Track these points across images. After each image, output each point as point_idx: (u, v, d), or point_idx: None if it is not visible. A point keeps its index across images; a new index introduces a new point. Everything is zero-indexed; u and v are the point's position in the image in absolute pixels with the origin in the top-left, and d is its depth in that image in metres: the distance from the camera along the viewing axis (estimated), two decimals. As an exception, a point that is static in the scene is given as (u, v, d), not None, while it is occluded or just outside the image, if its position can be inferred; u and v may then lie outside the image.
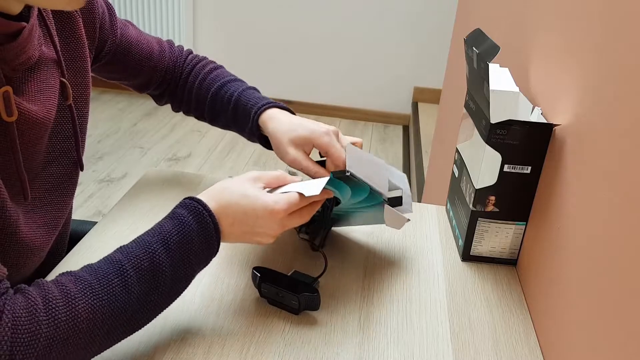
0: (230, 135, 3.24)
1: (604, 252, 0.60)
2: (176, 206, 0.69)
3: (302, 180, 0.77)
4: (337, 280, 0.83)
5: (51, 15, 0.78)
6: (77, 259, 0.84)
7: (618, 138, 0.59)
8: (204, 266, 0.69)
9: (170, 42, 1.03)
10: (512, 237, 0.88)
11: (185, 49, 1.06)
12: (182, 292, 0.67)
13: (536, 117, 0.84)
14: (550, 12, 0.88)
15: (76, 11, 0.82)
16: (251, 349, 0.70)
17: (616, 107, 0.61)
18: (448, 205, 1.04)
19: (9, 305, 0.55)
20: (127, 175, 2.71)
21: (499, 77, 0.87)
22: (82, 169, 0.86)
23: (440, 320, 0.77)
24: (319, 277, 0.80)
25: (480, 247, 0.89)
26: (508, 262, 0.90)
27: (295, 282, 0.76)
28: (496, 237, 0.88)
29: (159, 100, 1.07)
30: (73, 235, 0.97)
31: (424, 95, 3.45)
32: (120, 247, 0.64)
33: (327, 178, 0.72)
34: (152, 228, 0.66)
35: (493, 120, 0.80)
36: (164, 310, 0.66)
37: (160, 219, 0.93)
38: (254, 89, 0.98)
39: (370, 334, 0.74)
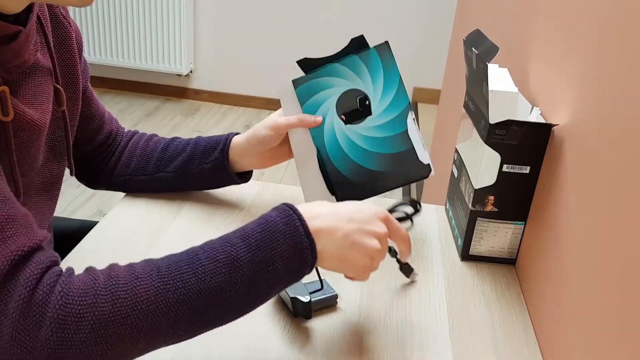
0: (231, 136, 3.24)
1: (602, 251, 0.60)
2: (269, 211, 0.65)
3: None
4: (336, 280, 0.83)
5: (50, 26, 0.79)
6: (77, 259, 0.84)
7: (616, 138, 0.60)
8: (295, 276, 0.62)
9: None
10: (511, 236, 0.88)
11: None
12: (264, 299, 0.61)
13: (535, 117, 0.85)
14: (550, 13, 0.89)
15: (73, 32, 0.83)
16: (251, 349, 0.70)
17: (615, 107, 0.61)
18: (447, 205, 1.04)
19: (64, 277, 0.54)
20: (127, 176, 2.71)
21: (498, 78, 0.87)
22: (72, 174, 0.87)
23: (439, 320, 0.78)
24: (315, 291, 0.77)
25: (479, 246, 0.89)
26: (507, 262, 0.90)
27: (298, 289, 0.75)
28: (495, 237, 0.88)
29: (82, 168, 0.98)
30: (73, 235, 0.97)
31: (423, 96, 3.45)
32: (207, 240, 0.61)
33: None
34: (239, 227, 0.63)
35: (492, 120, 0.80)
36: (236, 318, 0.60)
37: (160, 219, 0.94)
38: None
39: (369, 334, 0.74)
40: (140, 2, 3.35)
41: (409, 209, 0.99)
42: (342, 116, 0.89)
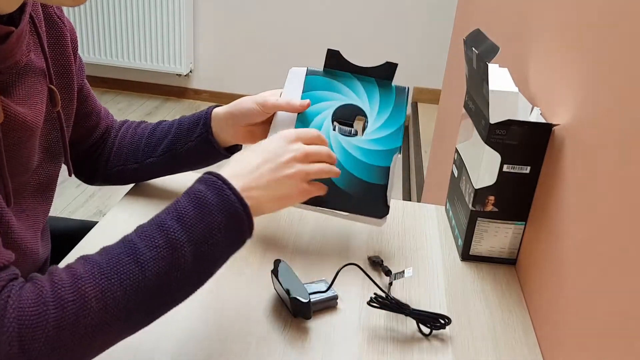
0: (231, 136, 3.24)
1: (603, 251, 0.60)
2: (194, 182, 0.65)
3: None
4: (336, 280, 0.83)
5: (44, 26, 0.78)
6: (77, 259, 0.84)
7: (617, 138, 0.60)
8: (238, 241, 0.64)
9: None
10: (512, 236, 0.88)
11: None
12: (213, 271, 0.63)
13: (535, 117, 0.85)
14: (550, 12, 0.89)
15: (68, 32, 0.83)
16: (251, 349, 0.70)
17: (615, 107, 0.61)
18: (447, 205, 1.04)
19: (14, 291, 0.55)
20: (127, 176, 2.71)
21: (499, 78, 0.87)
22: (70, 174, 0.86)
23: (439, 320, 0.78)
24: (315, 292, 0.78)
25: (479, 246, 0.89)
26: (507, 262, 0.90)
27: (298, 289, 0.75)
28: (495, 237, 0.88)
29: (81, 166, 0.98)
30: (74, 235, 0.97)
31: (423, 96, 3.45)
32: (138, 226, 0.62)
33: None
34: (168, 205, 0.63)
35: (492, 120, 0.80)
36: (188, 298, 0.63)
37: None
38: None
39: (370, 334, 0.74)
40: (140, 2, 3.35)
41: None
42: (335, 122, 0.88)
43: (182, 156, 0.93)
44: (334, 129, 0.87)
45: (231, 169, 0.67)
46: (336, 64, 0.90)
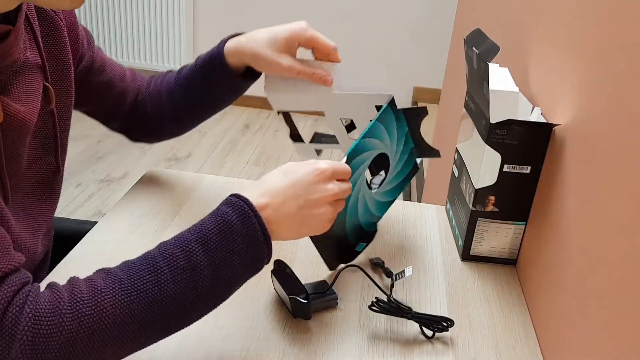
0: (230, 135, 3.24)
1: (603, 251, 0.60)
2: (221, 203, 0.65)
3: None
4: (336, 281, 0.83)
5: (37, 21, 0.78)
6: (77, 259, 0.84)
7: (617, 137, 0.59)
8: (254, 267, 0.64)
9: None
10: (512, 237, 0.88)
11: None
12: (228, 294, 0.63)
13: (536, 117, 0.85)
14: (550, 12, 0.89)
15: (61, 20, 0.82)
16: (251, 349, 0.70)
17: (616, 107, 0.61)
18: (448, 205, 1.04)
19: (31, 297, 0.55)
20: (127, 175, 2.71)
21: (499, 77, 0.87)
22: (61, 174, 0.86)
23: (440, 320, 0.77)
24: (315, 292, 0.77)
25: (480, 247, 0.89)
26: (508, 262, 0.90)
27: (298, 289, 0.75)
28: (496, 237, 0.88)
29: (131, 130, 1.01)
30: (73, 235, 0.97)
31: (423, 96, 3.45)
32: (161, 242, 0.62)
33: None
34: (194, 225, 0.63)
35: (493, 120, 0.80)
36: (209, 313, 0.63)
37: (160, 219, 0.94)
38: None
39: (370, 334, 0.74)
40: (140, 2, 3.35)
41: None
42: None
43: (217, 97, 0.93)
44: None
45: (259, 195, 0.65)
46: (413, 122, 0.87)
